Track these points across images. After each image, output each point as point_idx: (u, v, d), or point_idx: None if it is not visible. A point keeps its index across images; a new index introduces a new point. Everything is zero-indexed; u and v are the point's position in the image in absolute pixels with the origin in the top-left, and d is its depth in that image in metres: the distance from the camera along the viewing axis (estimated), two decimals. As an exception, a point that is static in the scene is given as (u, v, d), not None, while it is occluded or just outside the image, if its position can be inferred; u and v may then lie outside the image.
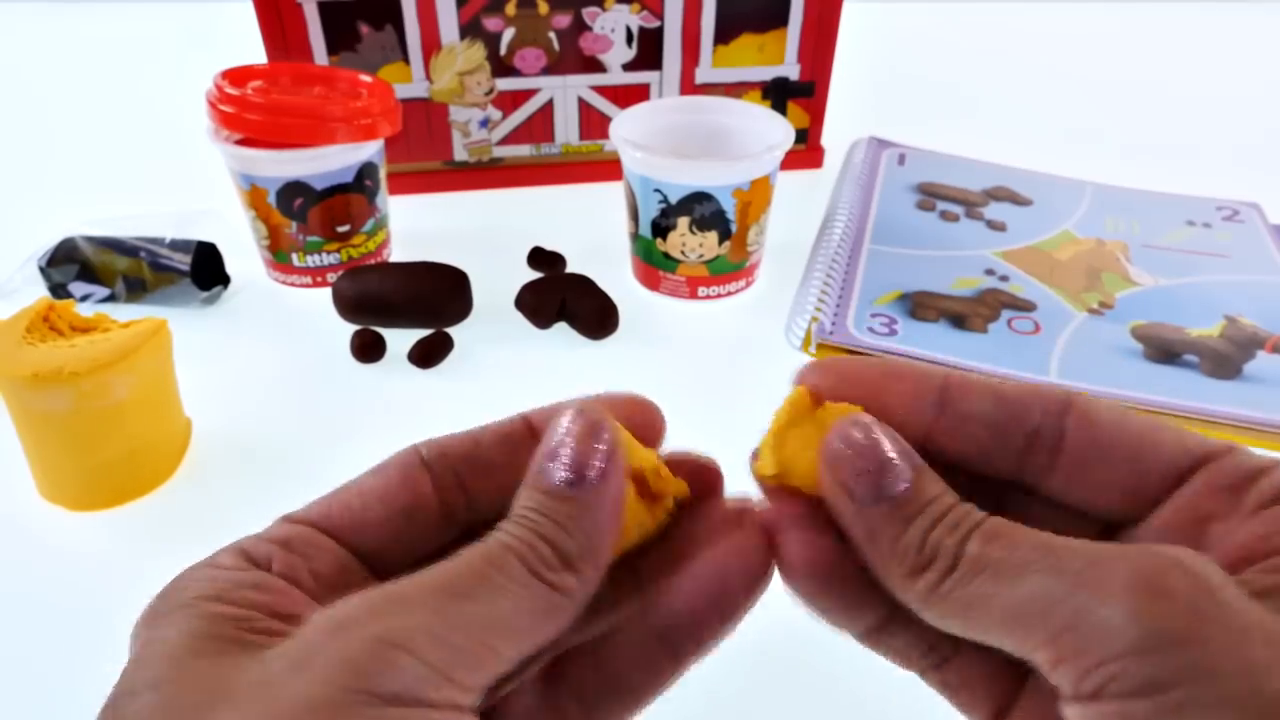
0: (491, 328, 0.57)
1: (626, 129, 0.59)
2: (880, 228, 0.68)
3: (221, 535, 0.21)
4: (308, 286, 0.62)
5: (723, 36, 0.71)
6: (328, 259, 0.61)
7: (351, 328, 0.56)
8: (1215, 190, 0.74)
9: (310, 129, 0.56)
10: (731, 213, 0.57)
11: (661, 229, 0.58)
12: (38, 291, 0.59)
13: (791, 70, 0.73)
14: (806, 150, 0.77)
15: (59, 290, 0.59)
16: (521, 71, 0.70)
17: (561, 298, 0.57)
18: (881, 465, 0.19)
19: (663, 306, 0.61)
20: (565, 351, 0.55)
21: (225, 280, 0.61)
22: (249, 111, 0.56)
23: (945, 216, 0.70)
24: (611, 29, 0.69)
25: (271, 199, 0.58)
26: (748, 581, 0.21)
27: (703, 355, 0.56)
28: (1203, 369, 0.53)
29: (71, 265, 0.58)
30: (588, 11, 0.68)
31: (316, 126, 0.56)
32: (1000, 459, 0.21)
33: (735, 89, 0.73)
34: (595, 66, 0.71)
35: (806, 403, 0.22)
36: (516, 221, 0.69)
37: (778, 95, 0.74)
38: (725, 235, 0.58)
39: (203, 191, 0.67)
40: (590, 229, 0.67)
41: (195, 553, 0.20)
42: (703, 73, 0.72)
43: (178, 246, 0.58)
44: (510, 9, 0.67)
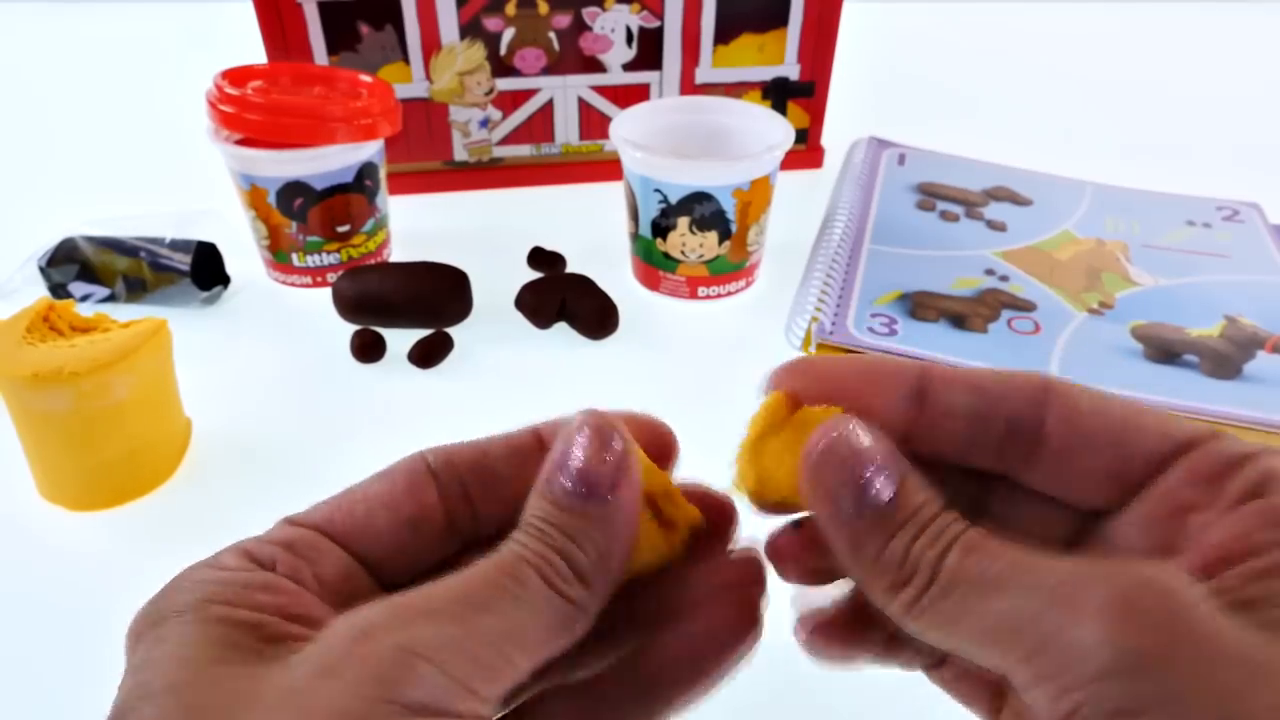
0: (491, 328, 0.57)
1: (626, 129, 0.59)
2: (880, 228, 0.68)
3: (221, 535, 0.20)
4: (308, 286, 0.62)
5: (723, 36, 0.71)
6: (328, 259, 0.61)
7: (351, 328, 0.56)
8: (1215, 190, 0.74)
9: (310, 129, 0.56)
10: (731, 213, 0.57)
11: (661, 229, 0.58)
12: (38, 291, 0.59)
13: (791, 70, 0.73)
14: (806, 150, 0.77)
15: (59, 290, 0.59)
16: (521, 71, 0.70)
17: (561, 298, 0.57)
18: (865, 474, 0.19)
19: (663, 306, 0.61)
20: (565, 351, 0.55)
21: (225, 280, 0.61)
22: (249, 111, 0.56)
23: (945, 216, 0.70)
24: (611, 29, 0.69)
25: (271, 199, 0.58)
26: (735, 650, 0.21)
27: (703, 355, 0.56)
28: (1203, 369, 0.53)
29: (71, 265, 0.58)
30: (588, 11, 0.68)
31: (316, 126, 0.56)
32: (981, 452, 0.21)
33: (735, 89, 0.73)
34: (595, 66, 0.71)
35: (783, 408, 0.21)
36: (516, 221, 0.69)
37: (778, 95, 0.74)
38: (725, 235, 0.58)
39: (203, 191, 0.67)
40: (590, 229, 0.67)
41: (195, 553, 0.19)
42: (703, 73, 0.72)
43: (178, 246, 0.59)
44: (510, 9, 0.67)
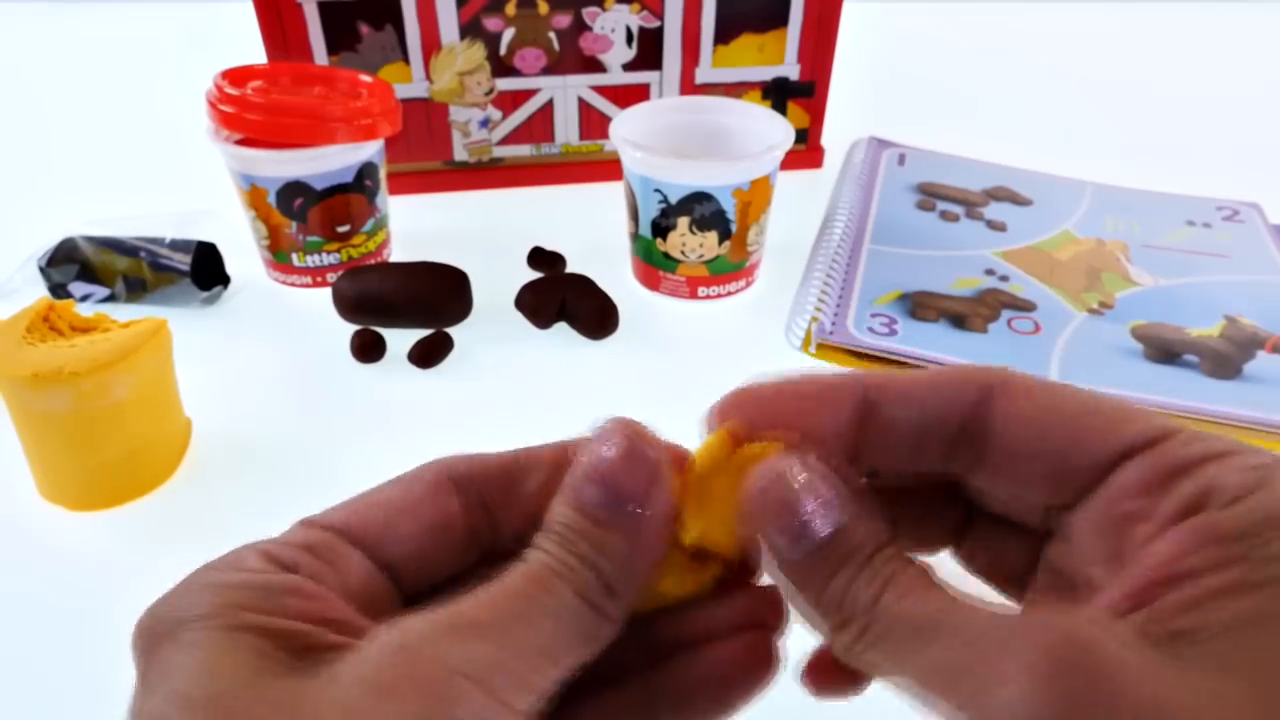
0: (491, 328, 0.57)
1: (626, 129, 0.59)
2: (880, 228, 0.68)
3: (221, 535, 0.20)
4: (308, 286, 0.62)
5: (723, 36, 0.71)
6: (328, 259, 0.61)
7: (351, 328, 0.56)
8: (1215, 190, 0.74)
9: (310, 129, 0.56)
10: (731, 213, 0.57)
11: (661, 229, 0.58)
12: (38, 291, 0.59)
13: (791, 70, 0.73)
14: (806, 150, 0.77)
15: (59, 290, 0.59)
16: (521, 71, 0.70)
17: (561, 298, 0.57)
18: (801, 518, 0.19)
19: (663, 306, 0.61)
20: (565, 351, 0.55)
21: (225, 280, 0.61)
22: (249, 111, 0.56)
23: (945, 216, 0.70)
24: (611, 29, 0.69)
25: (271, 199, 0.58)
26: (751, 685, 0.21)
27: (703, 355, 0.56)
28: (1203, 369, 0.53)
29: (71, 265, 0.58)
30: (588, 11, 0.68)
31: (316, 126, 0.56)
32: (930, 460, 0.21)
33: (735, 89, 0.73)
34: (595, 66, 0.71)
35: (726, 446, 0.21)
36: (516, 221, 0.69)
37: (778, 95, 0.74)
38: (725, 235, 0.58)
39: (203, 191, 0.67)
40: (590, 229, 0.67)
41: (195, 552, 0.19)
42: (703, 73, 0.72)
43: (178, 246, 0.59)
44: (510, 9, 0.67)
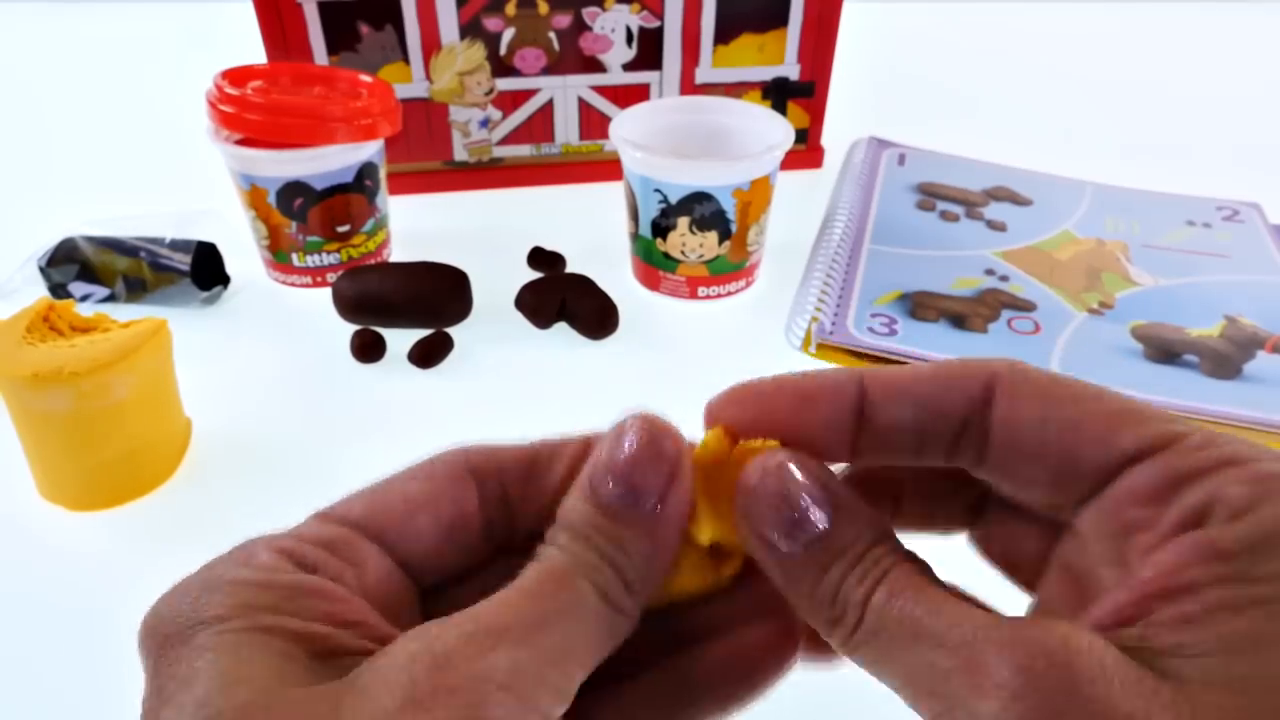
0: (491, 328, 0.57)
1: (626, 129, 0.59)
2: (880, 228, 0.68)
3: (222, 535, 0.20)
4: (308, 286, 0.62)
5: (723, 36, 0.71)
6: (328, 259, 0.61)
7: (351, 328, 0.56)
8: (1215, 190, 0.74)
9: (310, 129, 0.56)
10: (731, 213, 0.57)
11: (661, 229, 0.58)
12: (38, 291, 0.59)
13: (791, 70, 0.73)
14: (806, 150, 0.77)
15: (59, 290, 0.59)
16: (521, 71, 0.70)
17: (561, 298, 0.57)
18: (795, 513, 0.19)
19: (663, 306, 0.61)
20: (565, 351, 0.55)
21: (225, 280, 0.61)
22: (249, 111, 0.56)
23: (945, 216, 0.70)
24: (611, 29, 0.69)
25: (271, 199, 0.58)
26: (774, 668, 0.21)
27: (703, 355, 0.56)
28: (1203, 369, 0.53)
29: (71, 265, 0.58)
30: (588, 11, 0.68)
31: (316, 126, 0.56)
32: (931, 456, 0.21)
33: (735, 89, 0.73)
34: (595, 66, 0.71)
35: (723, 444, 0.21)
36: (516, 221, 0.69)
37: (778, 95, 0.74)
38: (725, 235, 0.58)
39: (203, 191, 0.67)
40: (590, 229, 0.67)
41: (195, 552, 0.19)
42: (703, 73, 0.72)
43: (178, 246, 0.59)
44: (510, 9, 0.67)
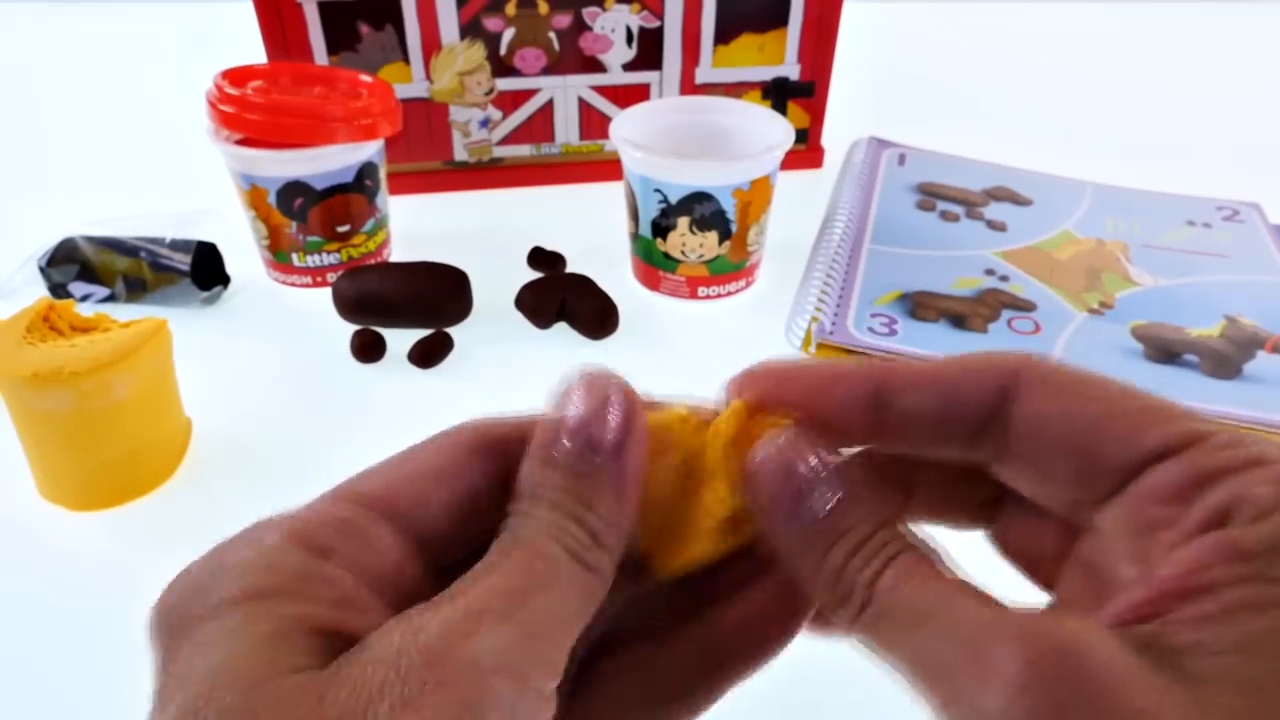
0: (491, 328, 0.57)
1: (626, 129, 0.59)
2: (880, 228, 0.68)
3: (222, 535, 0.20)
4: (308, 286, 0.62)
5: (723, 36, 0.71)
6: (328, 259, 0.61)
7: (351, 328, 0.56)
8: (1215, 190, 0.74)
9: (310, 129, 0.56)
10: (731, 213, 0.57)
11: (661, 229, 0.58)
12: (38, 291, 0.59)
13: (791, 70, 0.73)
14: (806, 150, 0.77)
15: (59, 290, 0.59)
16: (521, 71, 0.70)
17: (561, 298, 0.57)
18: (801, 488, 0.19)
19: (663, 306, 0.61)
20: (565, 351, 0.55)
21: (225, 280, 0.61)
22: (249, 111, 0.56)
23: (945, 216, 0.70)
24: (611, 29, 0.69)
25: (271, 199, 0.58)
26: (788, 627, 0.21)
27: (703, 355, 0.56)
28: (1203, 369, 0.53)
29: (71, 265, 0.58)
30: (588, 11, 0.68)
31: (316, 126, 0.56)
32: (949, 449, 0.20)
33: (735, 89, 0.73)
34: (595, 66, 0.71)
35: (743, 420, 0.21)
36: (516, 221, 0.69)
37: (778, 95, 0.74)
38: (725, 235, 0.58)
39: (203, 191, 0.67)
40: (590, 229, 0.67)
41: (196, 553, 0.19)
42: (703, 73, 0.72)
43: (178, 246, 0.59)
44: (510, 9, 0.67)
